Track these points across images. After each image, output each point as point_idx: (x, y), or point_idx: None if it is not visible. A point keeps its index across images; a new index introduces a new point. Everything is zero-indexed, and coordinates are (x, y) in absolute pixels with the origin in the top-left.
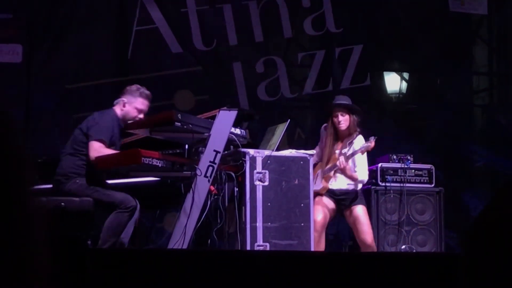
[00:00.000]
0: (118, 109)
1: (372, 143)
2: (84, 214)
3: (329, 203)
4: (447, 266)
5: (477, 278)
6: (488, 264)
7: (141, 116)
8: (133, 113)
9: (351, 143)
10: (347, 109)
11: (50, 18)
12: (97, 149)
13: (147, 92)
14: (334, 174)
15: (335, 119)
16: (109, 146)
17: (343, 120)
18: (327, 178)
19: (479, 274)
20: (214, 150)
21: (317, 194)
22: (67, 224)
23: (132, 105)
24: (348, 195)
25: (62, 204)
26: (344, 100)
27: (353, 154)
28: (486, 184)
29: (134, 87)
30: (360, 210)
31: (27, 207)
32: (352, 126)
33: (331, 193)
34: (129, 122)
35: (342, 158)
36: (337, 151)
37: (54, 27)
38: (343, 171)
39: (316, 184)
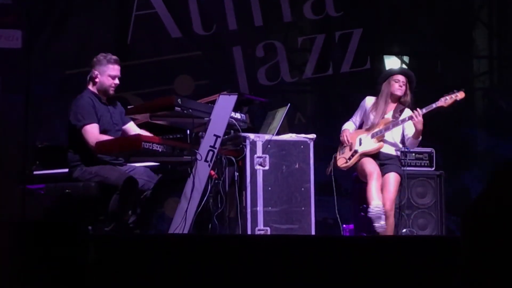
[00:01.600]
0: (91, 86)
1: (461, 94)
2: (89, 199)
3: (375, 164)
4: (448, 249)
5: (477, 258)
6: (486, 244)
7: (116, 81)
8: (107, 81)
9: (402, 110)
10: (409, 80)
11: (49, 3)
12: (90, 132)
13: (114, 57)
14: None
15: (395, 83)
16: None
17: (403, 88)
18: (379, 138)
19: (478, 254)
20: (215, 135)
21: (363, 155)
22: (73, 210)
23: (105, 74)
24: (391, 160)
25: (67, 190)
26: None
27: (428, 108)
28: (486, 167)
29: (100, 56)
30: (390, 177)
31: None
32: (406, 97)
33: (375, 157)
34: (111, 94)
35: (419, 111)
36: (386, 115)
37: (54, 12)
38: (417, 124)
39: (365, 144)
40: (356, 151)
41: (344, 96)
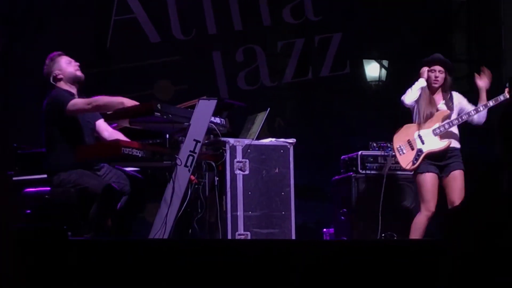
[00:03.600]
0: (58, 84)
1: None
2: (68, 205)
3: (435, 181)
4: (428, 253)
5: (458, 261)
6: (468, 247)
7: (75, 63)
8: (68, 68)
9: (451, 97)
10: (445, 67)
11: (28, 9)
12: (79, 101)
13: (59, 51)
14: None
15: (431, 74)
16: None
17: (440, 77)
18: (442, 136)
19: (460, 257)
20: (194, 140)
21: (429, 154)
22: (52, 216)
23: (62, 67)
24: (455, 157)
25: (47, 196)
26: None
27: (496, 101)
28: (467, 171)
29: (48, 61)
30: (458, 176)
31: None
32: (447, 86)
33: (441, 157)
34: (79, 76)
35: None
36: (439, 106)
37: (33, 18)
38: (482, 84)
39: (429, 143)
40: (420, 151)
41: (324, 100)
